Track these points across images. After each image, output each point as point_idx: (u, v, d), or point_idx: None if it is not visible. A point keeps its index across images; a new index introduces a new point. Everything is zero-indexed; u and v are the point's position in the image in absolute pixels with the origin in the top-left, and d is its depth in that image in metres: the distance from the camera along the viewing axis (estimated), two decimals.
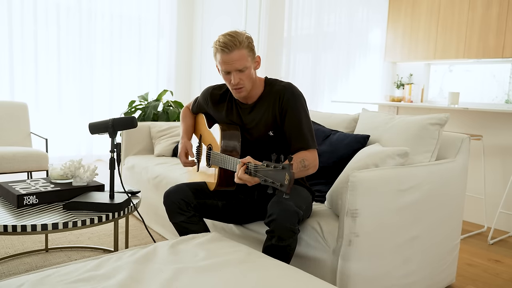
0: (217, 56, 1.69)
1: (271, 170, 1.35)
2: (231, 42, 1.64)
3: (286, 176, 1.28)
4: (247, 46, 1.68)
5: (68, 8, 4.94)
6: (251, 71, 1.72)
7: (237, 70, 1.67)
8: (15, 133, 3.65)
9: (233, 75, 1.68)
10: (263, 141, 1.81)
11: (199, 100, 2.06)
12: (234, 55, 1.65)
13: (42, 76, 4.86)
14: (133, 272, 1.25)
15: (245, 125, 1.84)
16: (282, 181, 1.30)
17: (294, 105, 1.74)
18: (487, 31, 4.57)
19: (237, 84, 1.70)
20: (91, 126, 1.89)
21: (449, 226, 2.05)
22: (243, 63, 1.67)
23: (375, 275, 1.68)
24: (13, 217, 1.71)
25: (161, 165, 2.88)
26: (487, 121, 3.40)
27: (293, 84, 1.80)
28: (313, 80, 5.22)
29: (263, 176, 1.37)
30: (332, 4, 5.22)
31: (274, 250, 1.59)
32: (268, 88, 1.81)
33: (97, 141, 5.36)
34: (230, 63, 1.66)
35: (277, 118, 1.77)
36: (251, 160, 1.47)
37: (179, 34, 5.85)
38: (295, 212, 1.56)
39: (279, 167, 1.32)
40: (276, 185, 1.31)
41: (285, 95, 1.75)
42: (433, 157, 2.00)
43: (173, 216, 1.83)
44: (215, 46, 1.69)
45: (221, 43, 1.65)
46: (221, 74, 1.75)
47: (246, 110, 1.83)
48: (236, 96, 1.77)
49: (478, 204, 3.43)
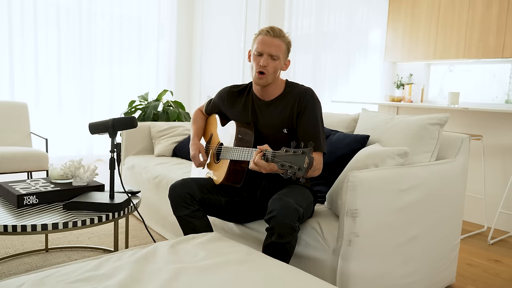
0: (257, 38, 1.79)
1: (290, 155, 1.37)
2: (278, 30, 1.77)
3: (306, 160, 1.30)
4: (287, 43, 1.81)
5: (68, 8, 4.94)
6: (279, 65, 1.79)
7: (270, 55, 1.75)
8: (15, 133, 3.65)
9: (264, 57, 1.76)
10: (277, 137, 1.85)
11: (214, 100, 2.11)
12: (275, 41, 1.76)
13: (42, 76, 4.86)
14: (133, 272, 1.25)
15: (259, 120, 1.88)
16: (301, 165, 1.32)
17: (312, 107, 1.81)
18: (487, 31, 4.57)
19: (263, 67, 1.76)
20: (91, 126, 1.89)
21: (449, 226, 2.05)
22: (278, 52, 1.76)
23: (375, 275, 1.68)
24: (13, 217, 1.71)
25: (161, 165, 2.88)
26: (487, 121, 3.40)
27: (313, 89, 1.87)
28: (313, 80, 5.22)
29: (281, 161, 1.39)
30: (332, 4, 5.22)
31: (274, 247, 1.60)
32: (288, 89, 1.88)
33: (97, 141, 5.36)
34: (268, 46, 1.75)
35: (294, 116, 1.82)
36: (268, 148, 1.52)
37: (179, 34, 5.85)
38: (295, 209, 1.57)
39: (299, 152, 1.34)
40: (294, 169, 1.32)
41: (306, 96, 1.82)
42: (433, 157, 2.00)
43: (177, 209, 1.84)
44: (260, 30, 1.79)
45: (268, 28, 1.77)
46: (251, 59, 1.83)
47: (263, 106, 1.88)
48: (256, 82, 1.81)
49: (478, 204, 3.43)
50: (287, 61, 1.84)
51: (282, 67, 1.82)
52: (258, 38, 1.79)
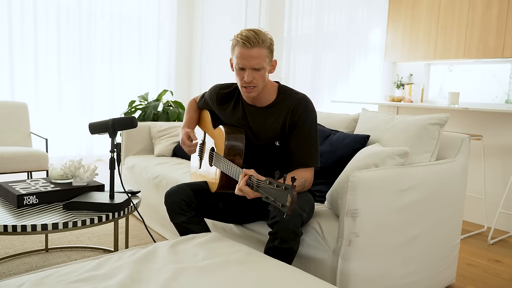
0: (235, 50, 1.62)
1: (274, 189, 1.32)
2: (254, 38, 1.58)
3: (288, 198, 1.26)
4: (268, 47, 1.63)
5: (68, 8, 4.94)
6: (265, 73, 1.66)
7: (253, 68, 1.61)
8: (15, 133, 3.65)
9: (247, 73, 1.62)
10: (268, 149, 1.79)
11: (205, 97, 2.01)
12: (254, 52, 1.59)
13: (42, 76, 4.85)
14: (133, 272, 1.25)
15: (251, 127, 1.80)
16: (284, 202, 1.27)
17: (306, 121, 1.71)
18: (487, 31, 4.57)
19: (249, 82, 1.64)
20: (91, 126, 1.89)
21: (449, 226, 2.05)
22: (261, 63, 1.61)
23: (375, 275, 1.68)
24: (13, 217, 1.71)
25: (161, 165, 2.88)
26: (487, 121, 3.40)
27: (308, 97, 1.76)
28: (313, 80, 5.22)
29: (265, 193, 1.36)
30: (332, 4, 5.22)
31: (276, 252, 1.59)
32: (282, 96, 1.76)
33: (97, 141, 5.36)
34: (248, 60, 1.59)
35: (286, 129, 1.74)
36: (254, 173, 1.45)
37: (179, 34, 5.85)
38: (299, 214, 1.56)
39: (282, 187, 1.30)
40: (277, 205, 1.29)
41: (299, 109, 1.71)
42: (433, 157, 2.00)
43: (174, 216, 1.83)
44: (235, 39, 1.62)
45: (243, 37, 1.59)
46: (234, 69, 1.69)
47: (254, 113, 1.79)
48: (245, 95, 1.71)
49: (478, 204, 3.43)
50: (273, 62, 1.70)
51: (269, 71, 1.69)
52: (236, 50, 1.62)
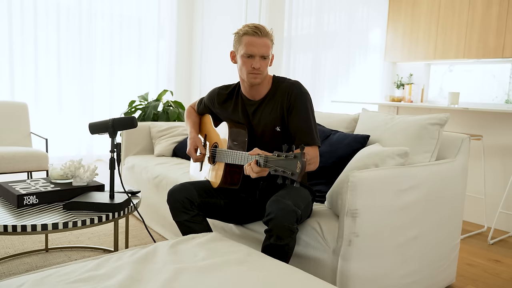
0: (244, 39, 1.72)
1: (282, 160, 1.36)
2: (263, 28, 1.72)
3: (298, 164, 1.30)
4: (271, 40, 1.77)
5: (68, 8, 4.94)
6: (268, 63, 1.78)
7: (262, 55, 1.72)
8: (15, 133, 3.65)
9: (256, 59, 1.72)
10: (270, 136, 1.83)
11: (204, 101, 2.09)
12: (264, 40, 1.72)
13: (42, 76, 4.85)
14: (133, 272, 1.25)
15: (251, 121, 1.86)
16: (293, 170, 1.31)
17: (301, 102, 1.78)
18: (487, 31, 4.57)
19: (258, 69, 1.73)
20: (91, 126, 1.89)
21: (449, 226, 2.05)
22: (268, 51, 1.74)
23: (375, 275, 1.68)
24: (13, 217, 1.71)
25: (161, 165, 2.88)
26: (487, 121, 3.40)
27: (300, 82, 1.84)
28: (313, 80, 5.22)
29: (273, 166, 1.38)
30: (332, 4, 5.22)
31: (272, 249, 1.60)
32: (276, 85, 1.85)
33: (97, 141, 5.36)
34: (258, 47, 1.71)
35: (284, 113, 1.80)
36: (259, 151, 1.49)
37: (179, 34, 5.85)
38: (293, 211, 1.57)
39: (291, 156, 1.33)
40: (287, 174, 1.32)
41: (293, 91, 1.79)
42: (433, 157, 2.00)
43: (176, 214, 1.83)
44: (244, 29, 1.73)
45: (253, 27, 1.71)
46: (237, 60, 1.78)
47: (253, 107, 1.86)
48: (251, 81, 1.77)
49: (478, 204, 3.43)
50: (272, 55, 1.82)
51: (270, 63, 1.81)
52: (245, 39, 1.72)
